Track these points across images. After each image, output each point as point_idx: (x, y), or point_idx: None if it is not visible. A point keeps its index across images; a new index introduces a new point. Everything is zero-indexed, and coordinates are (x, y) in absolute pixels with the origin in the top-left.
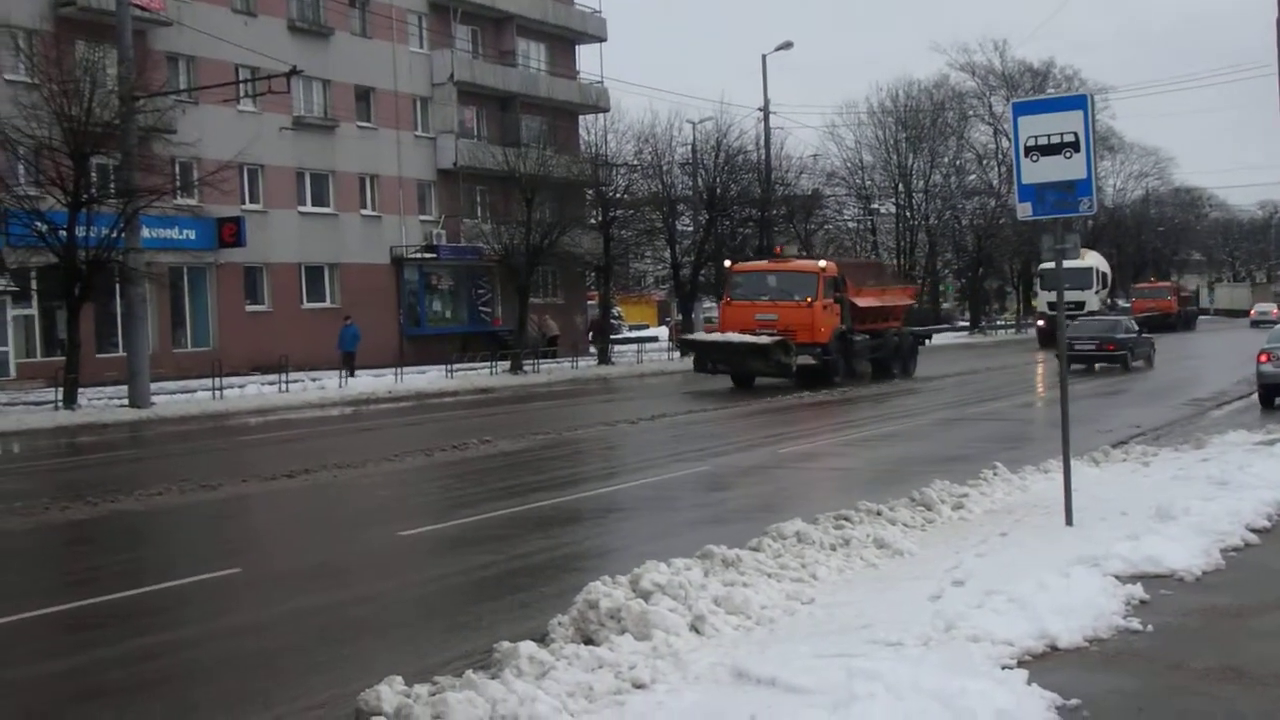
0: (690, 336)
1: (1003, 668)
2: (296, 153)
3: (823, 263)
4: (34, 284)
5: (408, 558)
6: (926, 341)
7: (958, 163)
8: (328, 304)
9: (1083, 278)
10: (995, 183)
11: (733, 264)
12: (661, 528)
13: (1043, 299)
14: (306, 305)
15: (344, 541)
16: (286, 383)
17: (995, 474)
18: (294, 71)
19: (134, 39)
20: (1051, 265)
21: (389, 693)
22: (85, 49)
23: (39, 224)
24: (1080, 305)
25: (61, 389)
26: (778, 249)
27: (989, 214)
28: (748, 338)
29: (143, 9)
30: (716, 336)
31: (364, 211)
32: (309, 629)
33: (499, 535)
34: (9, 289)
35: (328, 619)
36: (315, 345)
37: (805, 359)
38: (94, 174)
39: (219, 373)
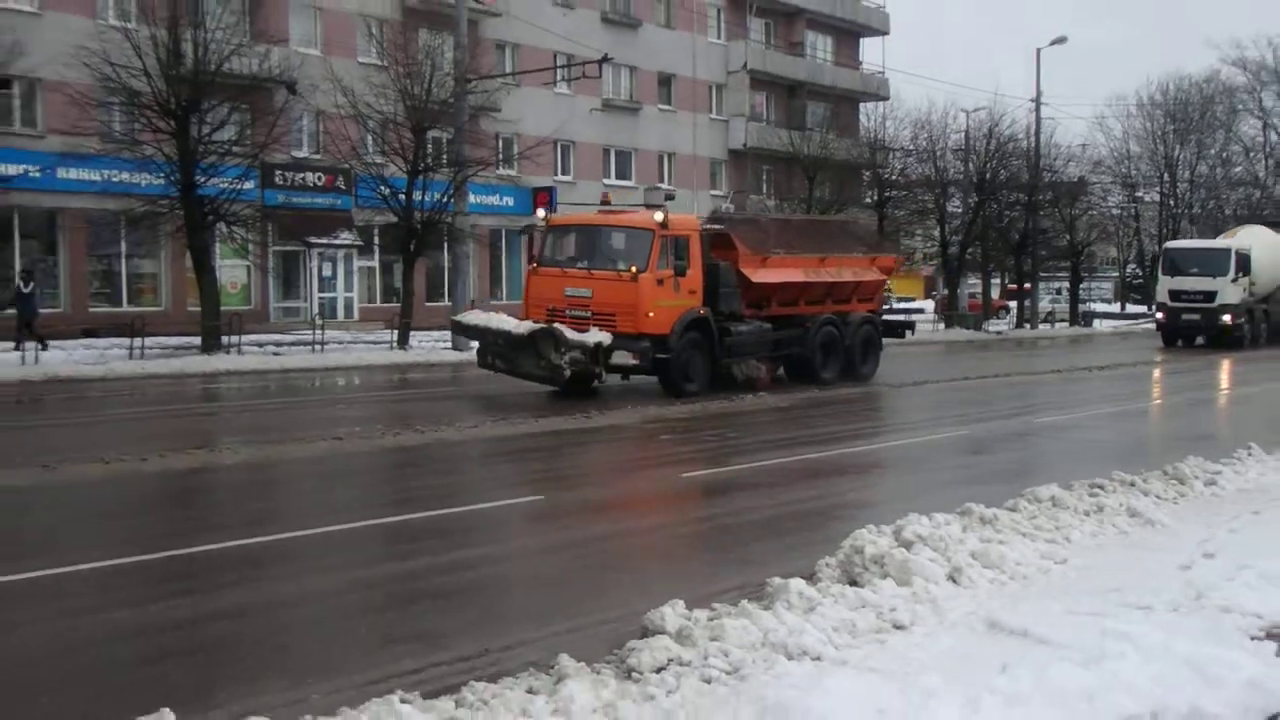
0: (457, 318)
1: (1252, 639)
2: (604, 131)
3: (660, 215)
4: (376, 240)
5: (689, 497)
6: (909, 332)
7: (1224, 155)
8: None
9: (1216, 262)
10: (1262, 174)
11: (548, 216)
12: (921, 485)
13: (1163, 285)
14: None
15: (636, 480)
16: None
17: (1250, 454)
18: (605, 59)
19: (468, 28)
20: (1181, 244)
21: (671, 614)
22: (427, 36)
23: (383, 188)
24: (1210, 295)
25: (396, 332)
26: (605, 195)
27: (1253, 204)
28: (505, 324)
29: (477, 2)
30: (476, 319)
31: (661, 185)
32: (600, 554)
33: (770, 483)
34: (355, 244)
35: (616, 546)
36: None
37: (624, 358)
38: (430, 146)
39: None
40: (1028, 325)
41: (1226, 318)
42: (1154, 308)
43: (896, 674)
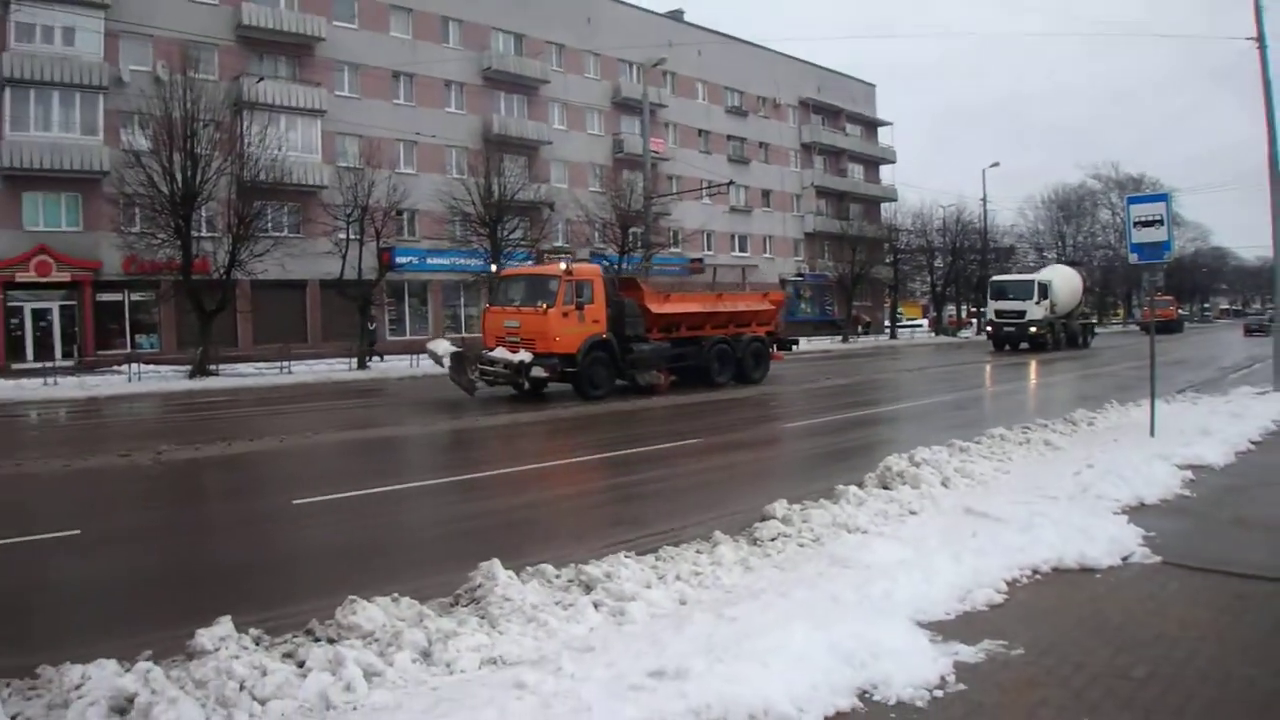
0: (428, 345)
1: (1114, 514)
2: (730, 224)
3: (564, 266)
4: None
5: (789, 438)
6: (793, 347)
7: (1091, 230)
8: None
9: (1024, 289)
10: (1113, 241)
11: (498, 269)
12: (926, 430)
13: (991, 306)
14: None
15: (755, 428)
16: None
17: (1111, 406)
18: (730, 183)
19: (651, 168)
20: (1002, 278)
21: (779, 507)
22: (628, 173)
23: (604, 263)
24: (1021, 314)
25: None
26: (535, 251)
27: (1109, 260)
28: (440, 347)
29: (656, 153)
30: (433, 346)
31: (765, 255)
32: (736, 473)
33: (837, 429)
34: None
35: (746, 469)
36: None
37: (539, 371)
38: (630, 237)
39: None
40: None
41: (1033, 329)
42: (984, 323)
43: (911, 540)
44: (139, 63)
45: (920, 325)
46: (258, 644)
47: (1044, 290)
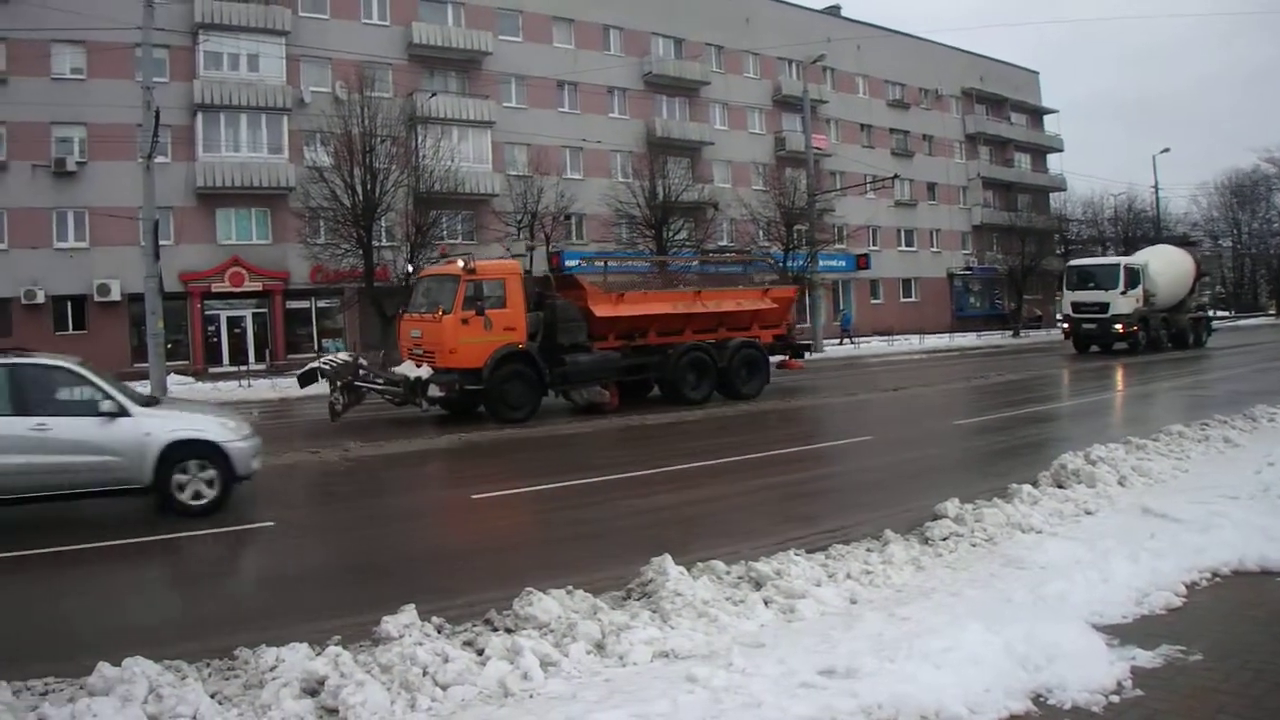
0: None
1: None
2: (896, 219)
3: (462, 263)
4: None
5: (955, 436)
6: (806, 354)
7: (1266, 216)
8: (914, 299)
9: (1107, 277)
10: None
11: (418, 270)
12: (1097, 428)
13: (1066, 298)
14: (901, 300)
15: (921, 425)
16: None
17: None
18: (894, 177)
19: (814, 164)
20: (1082, 262)
21: (951, 506)
22: (790, 170)
23: (769, 259)
24: (1103, 307)
25: None
26: (442, 248)
27: None
28: (318, 362)
29: (818, 149)
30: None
31: (931, 250)
32: (904, 470)
33: (1006, 427)
34: None
35: (914, 466)
36: (912, 321)
37: (435, 390)
38: (795, 235)
39: (851, 338)
40: None
41: (1118, 326)
42: (1060, 319)
43: (1086, 540)
44: (319, 84)
45: None
46: (439, 632)
47: (1133, 277)
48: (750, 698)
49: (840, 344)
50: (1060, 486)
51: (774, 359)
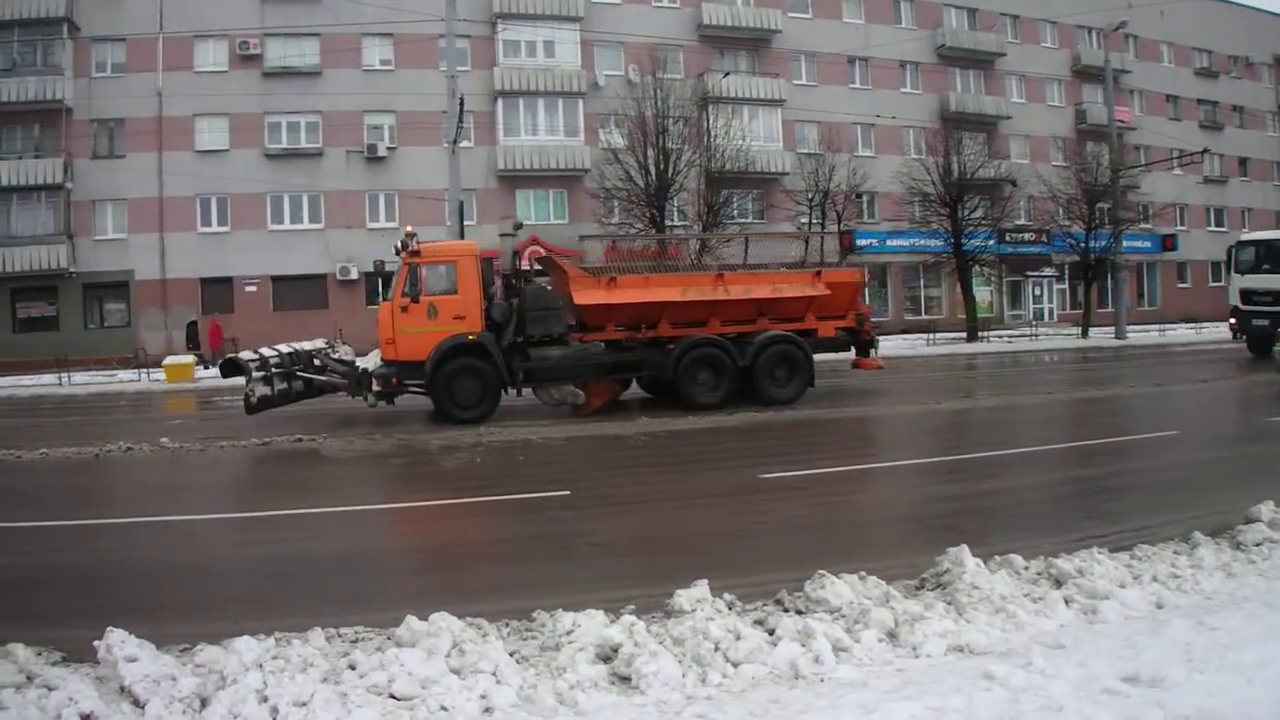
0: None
1: None
2: (1205, 197)
3: (399, 243)
4: (1066, 272)
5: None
6: (872, 350)
7: None
8: (1224, 284)
9: None
10: None
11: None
12: None
13: (1234, 285)
14: (1211, 284)
15: (1226, 422)
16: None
17: None
18: (1204, 151)
19: (1115, 137)
20: (1258, 235)
21: (1266, 510)
22: (1091, 146)
23: (1070, 240)
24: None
25: (1079, 328)
26: (408, 229)
27: None
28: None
29: (1121, 122)
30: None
31: (1242, 229)
32: (1210, 470)
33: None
34: (1054, 275)
35: (1220, 467)
36: (1224, 307)
37: (375, 384)
38: (1097, 213)
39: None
40: None
41: None
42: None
43: None
44: (612, 68)
45: None
46: (730, 609)
47: None
48: (1050, 700)
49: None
50: None
51: (845, 357)
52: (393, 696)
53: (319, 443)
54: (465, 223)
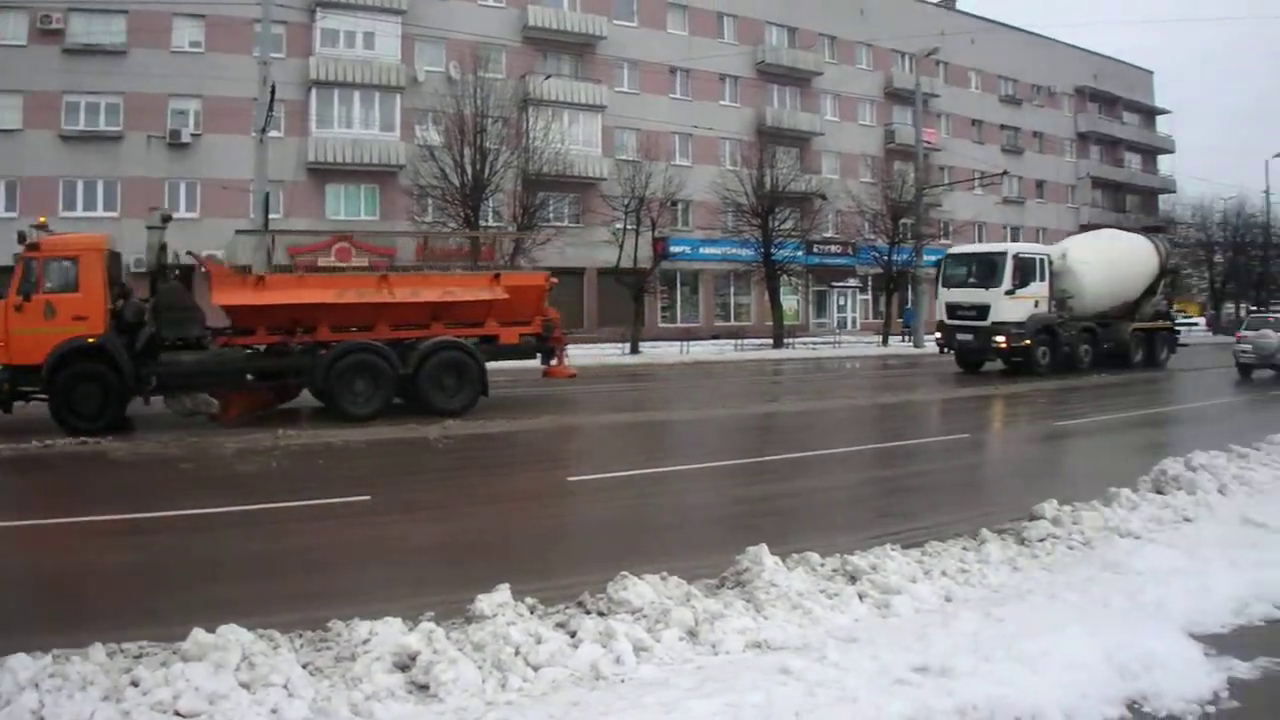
0: None
1: None
2: (1003, 216)
3: (30, 236)
4: (869, 283)
5: (1056, 440)
6: (551, 358)
7: None
8: None
9: (989, 271)
10: None
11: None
12: (1195, 434)
13: (942, 298)
14: None
15: (1013, 425)
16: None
17: None
18: (1003, 174)
19: (923, 158)
20: (963, 250)
21: (1049, 507)
22: (899, 164)
23: (874, 253)
24: (982, 310)
25: (880, 336)
26: (40, 219)
27: None
28: None
29: (928, 143)
30: None
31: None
32: (998, 470)
33: (1108, 429)
34: (857, 286)
35: (1001, 467)
36: None
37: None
38: (900, 228)
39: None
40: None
41: (999, 339)
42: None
43: (1185, 548)
44: (433, 64)
45: (1197, 324)
46: (532, 612)
47: (1027, 270)
48: (845, 692)
49: (904, 340)
50: (1159, 493)
51: (541, 365)
52: (178, 714)
53: (103, 444)
54: (271, 215)
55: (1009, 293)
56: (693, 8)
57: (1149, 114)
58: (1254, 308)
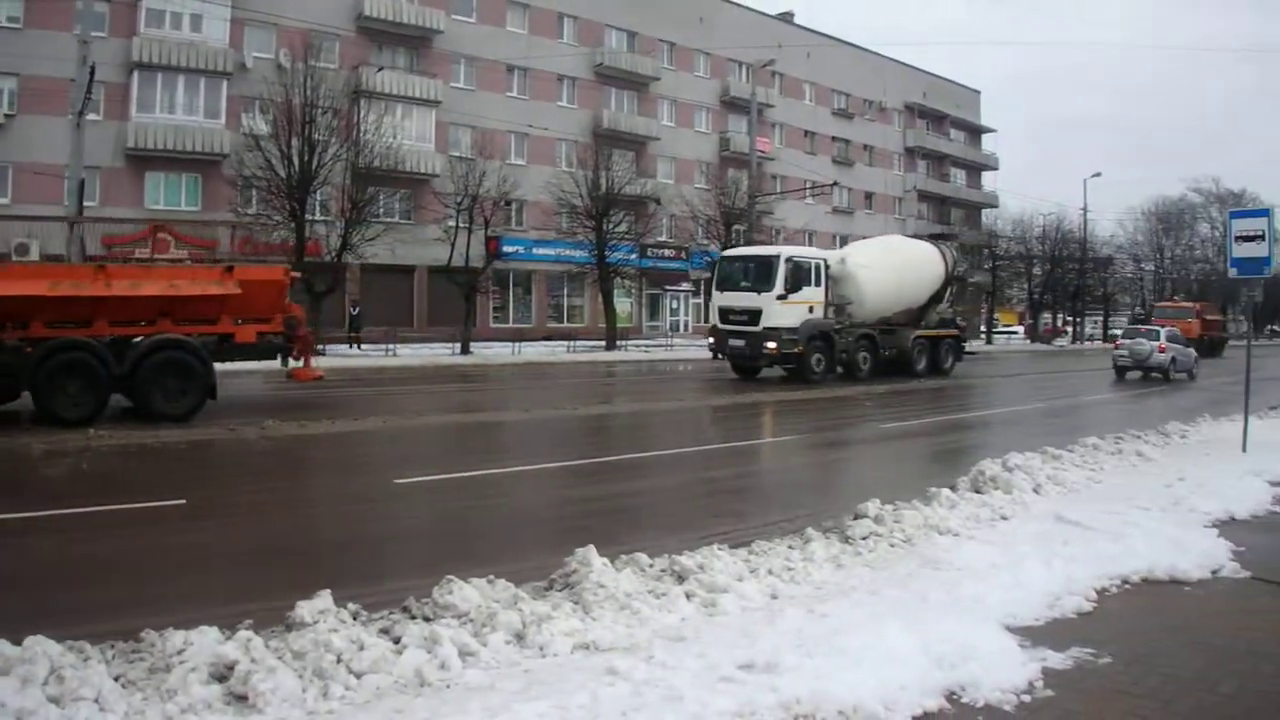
0: None
1: (1205, 527)
2: (833, 225)
3: None
4: (701, 287)
5: (885, 441)
6: (289, 358)
7: (1190, 243)
8: None
9: (762, 274)
10: (1211, 255)
11: None
12: (1018, 436)
13: (715, 301)
14: None
15: (847, 430)
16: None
17: (1204, 420)
18: (834, 184)
19: (756, 167)
20: (736, 252)
21: (872, 507)
22: (733, 171)
23: (707, 257)
24: (754, 315)
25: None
26: None
27: (1206, 274)
28: None
29: (762, 152)
30: None
31: None
32: (831, 471)
33: (928, 431)
34: (690, 289)
35: (836, 466)
36: None
37: None
38: (733, 234)
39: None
40: (1080, 342)
41: (770, 345)
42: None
43: (1002, 544)
44: (262, 50)
45: (1016, 332)
46: (355, 619)
47: (798, 275)
48: (671, 691)
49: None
50: (978, 492)
51: (281, 366)
52: None
53: None
54: (86, 203)
55: (781, 297)
56: (533, 7)
57: (975, 132)
58: (1136, 319)
